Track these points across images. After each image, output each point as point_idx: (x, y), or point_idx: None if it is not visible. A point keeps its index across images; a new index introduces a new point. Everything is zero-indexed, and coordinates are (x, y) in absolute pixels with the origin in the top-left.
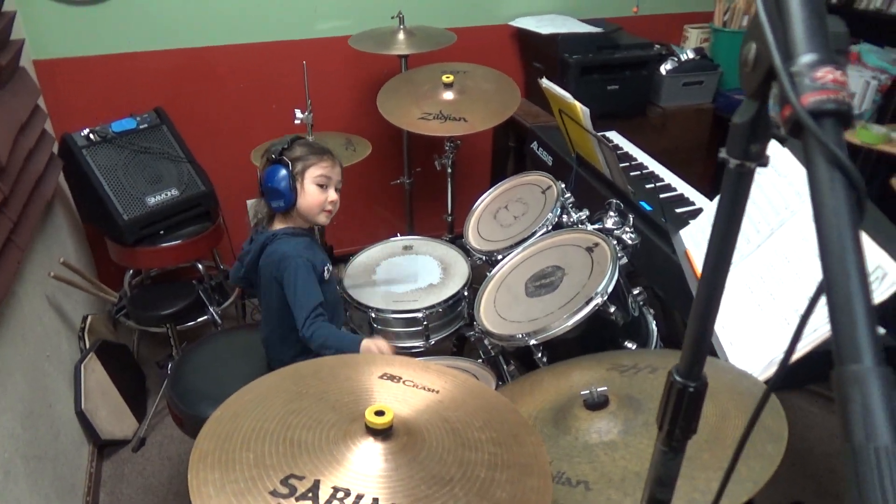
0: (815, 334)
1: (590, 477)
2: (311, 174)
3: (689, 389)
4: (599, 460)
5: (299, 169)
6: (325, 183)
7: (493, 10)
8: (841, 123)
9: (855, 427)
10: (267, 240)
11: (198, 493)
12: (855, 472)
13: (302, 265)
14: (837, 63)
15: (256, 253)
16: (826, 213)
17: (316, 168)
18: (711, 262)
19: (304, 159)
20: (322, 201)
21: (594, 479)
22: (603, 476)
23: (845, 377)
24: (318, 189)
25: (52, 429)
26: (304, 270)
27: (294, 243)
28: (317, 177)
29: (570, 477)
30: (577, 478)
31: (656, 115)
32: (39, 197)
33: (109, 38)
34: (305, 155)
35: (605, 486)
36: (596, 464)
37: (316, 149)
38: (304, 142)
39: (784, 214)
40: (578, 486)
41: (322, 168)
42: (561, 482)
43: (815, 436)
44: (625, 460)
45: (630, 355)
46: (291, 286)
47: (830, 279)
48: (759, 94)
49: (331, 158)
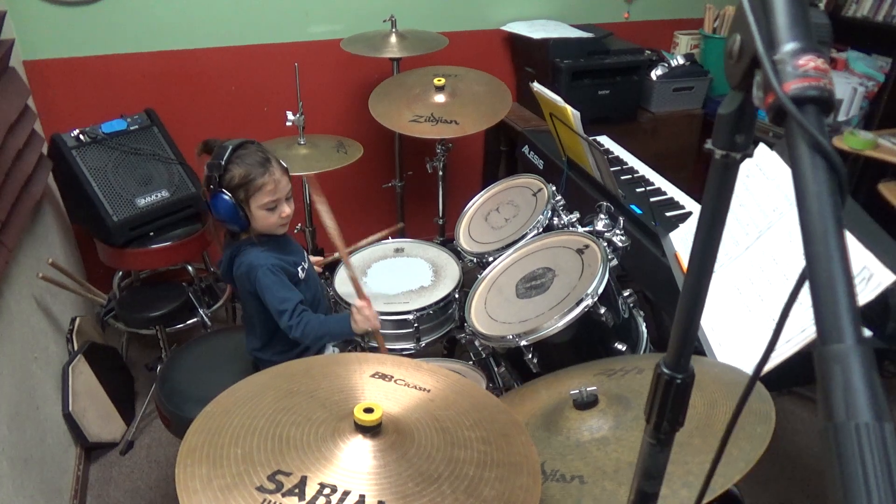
0: (803, 335)
1: (584, 471)
2: (256, 202)
3: (677, 381)
4: (592, 455)
5: (242, 197)
6: (274, 205)
7: (485, 14)
8: (823, 110)
9: (836, 405)
10: (234, 252)
11: (185, 488)
12: (836, 449)
13: (269, 272)
14: (819, 52)
15: (227, 265)
16: (808, 197)
17: (260, 195)
18: (697, 255)
19: (246, 186)
20: (275, 222)
21: (588, 472)
22: (597, 469)
23: (827, 356)
24: (266, 213)
25: (38, 431)
26: (273, 277)
27: (257, 252)
28: (263, 204)
29: (564, 473)
30: (571, 473)
31: (647, 121)
32: (28, 197)
33: (100, 39)
34: (245, 180)
35: (600, 478)
36: (588, 459)
37: (254, 167)
38: (241, 158)
39: (772, 217)
40: (573, 480)
41: (266, 194)
42: (555, 479)
43: (804, 439)
44: (617, 453)
45: (618, 360)
46: (267, 295)
47: (813, 261)
48: (743, 85)
49: (272, 173)
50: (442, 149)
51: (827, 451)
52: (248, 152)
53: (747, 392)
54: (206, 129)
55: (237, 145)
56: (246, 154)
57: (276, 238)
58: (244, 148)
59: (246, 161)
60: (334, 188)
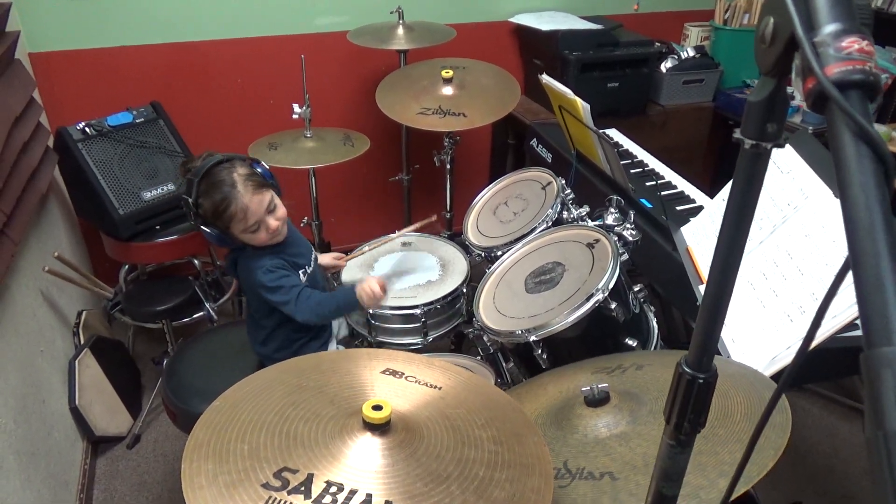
0: (819, 331)
1: (612, 467)
2: (235, 229)
3: (699, 381)
4: (616, 451)
5: (222, 228)
6: (257, 227)
7: (492, 6)
8: (868, 95)
9: (887, 412)
10: (236, 255)
11: (190, 483)
12: (888, 460)
13: (270, 269)
14: (863, 33)
15: (231, 267)
16: (853, 187)
17: (234, 223)
18: (723, 251)
19: (219, 217)
20: (264, 238)
21: (617, 468)
22: (626, 465)
23: (876, 360)
24: (252, 234)
25: (45, 425)
26: (271, 274)
27: (259, 255)
28: (243, 231)
29: (592, 471)
30: (599, 470)
31: (656, 114)
32: (34, 190)
33: (106, 31)
34: (216, 213)
35: (631, 473)
36: (614, 455)
37: (220, 199)
38: (207, 192)
39: (787, 211)
40: (603, 477)
41: (239, 221)
42: (583, 477)
43: (815, 436)
44: (642, 448)
45: (610, 359)
46: (269, 294)
47: (858, 256)
48: (776, 71)
49: (238, 200)
50: (449, 142)
51: (875, 460)
52: (214, 182)
53: (770, 407)
54: (212, 121)
55: (202, 175)
56: (211, 185)
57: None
58: (209, 176)
59: (211, 195)
60: (341, 182)
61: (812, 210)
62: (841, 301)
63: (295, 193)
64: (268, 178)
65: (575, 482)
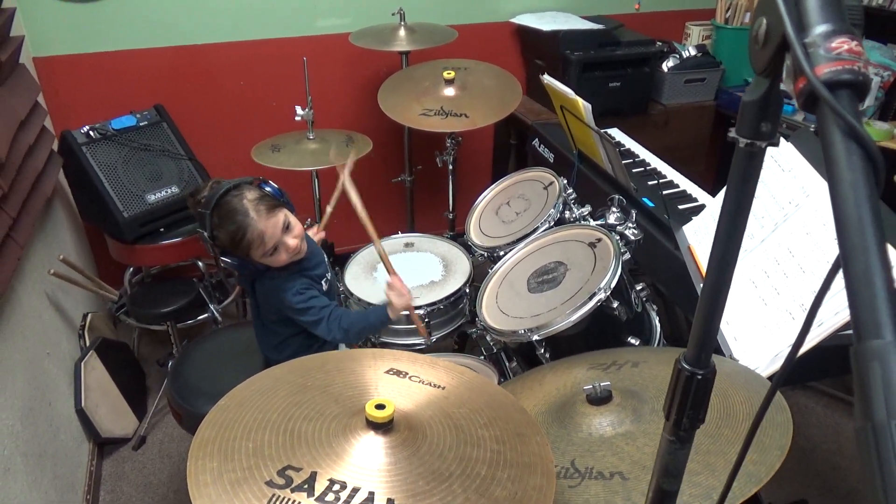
0: (820, 328)
1: (621, 467)
2: (256, 255)
3: (698, 377)
4: (624, 451)
5: (242, 255)
6: (275, 250)
7: (493, 7)
8: (857, 95)
9: (875, 404)
10: (255, 276)
11: (195, 481)
12: (876, 451)
13: (298, 292)
14: (853, 34)
15: (249, 284)
16: (843, 185)
17: (256, 250)
18: (720, 248)
19: (239, 247)
20: (285, 259)
21: (627, 468)
22: (636, 464)
23: (865, 353)
24: (272, 257)
25: (51, 426)
26: (300, 295)
27: (284, 277)
28: (262, 256)
29: (601, 471)
30: (608, 470)
31: (658, 113)
32: (39, 194)
33: (109, 35)
34: (233, 243)
35: (642, 473)
36: (622, 455)
37: (235, 229)
38: (220, 223)
39: (788, 209)
40: (613, 477)
41: (260, 248)
42: (593, 477)
43: (819, 433)
44: (650, 447)
45: (604, 354)
46: (299, 316)
47: (848, 252)
48: (769, 71)
49: (253, 228)
50: (452, 142)
51: (865, 452)
52: (226, 213)
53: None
54: (215, 124)
55: (213, 207)
56: (224, 217)
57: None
58: (220, 207)
59: (226, 227)
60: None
61: (813, 208)
62: (843, 299)
63: (298, 195)
64: (278, 196)
65: (585, 482)
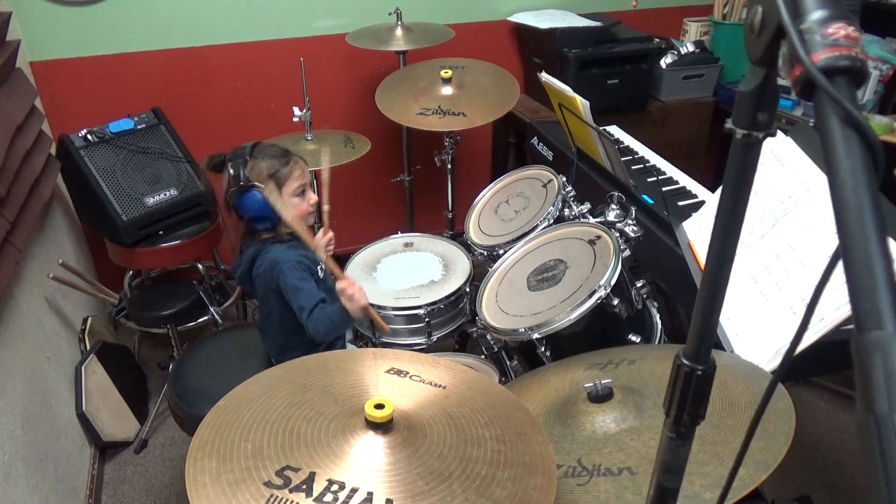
0: (822, 323)
1: (629, 463)
2: (287, 189)
3: (697, 373)
4: (630, 446)
5: (273, 187)
6: (303, 190)
7: (490, 5)
8: (854, 81)
9: (877, 396)
10: (255, 252)
11: (194, 482)
12: (878, 443)
13: (295, 267)
14: (850, 19)
15: (247, 266)
16: (841, 173)
17: (290, 181)
18: (718, 241)
19: (275, 175)
20: (305, 210)
21: (634, 463)
22: (643, 459)
23: (866, 344)
24: (298, 199)
25: (52, 431)
26: (297, 273)
27: (282, 249)
28: (294, 189)
29: (609, 467)
30: (616, 466)
31: (657, 109)
32: (37, 198)
33: (106, 38)
34: (274, 170)
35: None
36: (628, 450)
37: (279, 156)
38: (263, 153)
39: (788, 204)
40: (622, 473)
41: (296, 179)
42: (601, 474)
43: (822, 429)
44: (655, 440)
45: (599, 355)
46: (290, 292)
47: (847, 240)
48: (765, 60)
49: (296, 161)
50: (450, 141)
51: (866, 444)
52: (267, 147)
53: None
54: (214, 126)
55: (253, 145)
56: (266, 148)
57: (295, 238)
58: (260, 145)
59: (268, 153)
60: (342, 184)
61: (813, 202)
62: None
63: None
64: None
65: (594, 479)
